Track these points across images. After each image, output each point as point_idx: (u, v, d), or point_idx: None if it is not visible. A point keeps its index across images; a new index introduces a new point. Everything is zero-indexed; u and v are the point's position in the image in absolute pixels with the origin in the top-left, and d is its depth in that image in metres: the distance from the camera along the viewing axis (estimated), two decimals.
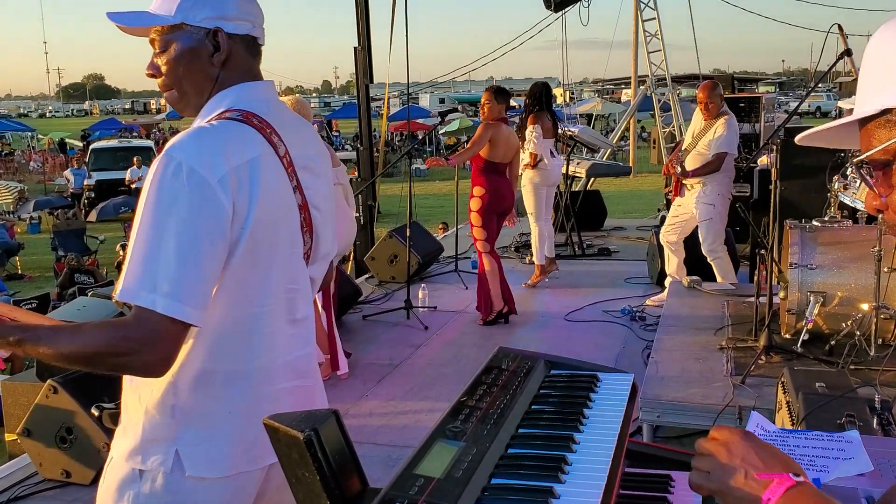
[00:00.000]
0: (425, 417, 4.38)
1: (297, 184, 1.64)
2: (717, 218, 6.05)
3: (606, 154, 16.51)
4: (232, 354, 1.57)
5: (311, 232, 1.70)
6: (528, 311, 6.62)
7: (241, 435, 1.59)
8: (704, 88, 6.10)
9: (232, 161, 1.48)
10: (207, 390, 1.56)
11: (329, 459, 1.21)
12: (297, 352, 1.70)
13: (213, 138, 1.51)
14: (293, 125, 1.69)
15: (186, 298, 1.42)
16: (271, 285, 1.60)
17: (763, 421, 1.83)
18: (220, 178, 1.46)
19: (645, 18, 22.10)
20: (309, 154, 1.71)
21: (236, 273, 1.52)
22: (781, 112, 13.62)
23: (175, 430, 1.56)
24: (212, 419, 1.57)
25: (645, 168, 25.24)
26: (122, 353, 1.43)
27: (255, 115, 1.59)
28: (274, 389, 1.63)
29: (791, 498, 0.98)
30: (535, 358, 1.67)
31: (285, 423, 1.24)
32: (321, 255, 1.76)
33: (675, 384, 3.98)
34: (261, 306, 1.59)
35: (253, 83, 1.65)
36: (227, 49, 1.60)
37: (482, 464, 1.21)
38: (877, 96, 0.91)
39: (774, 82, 55.03)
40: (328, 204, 1.77)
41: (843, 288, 4.46)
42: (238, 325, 1.57)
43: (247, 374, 1.60)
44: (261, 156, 1.54)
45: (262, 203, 1.52)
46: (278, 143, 1.60)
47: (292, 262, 1.66)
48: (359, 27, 8.21)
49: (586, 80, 70.11)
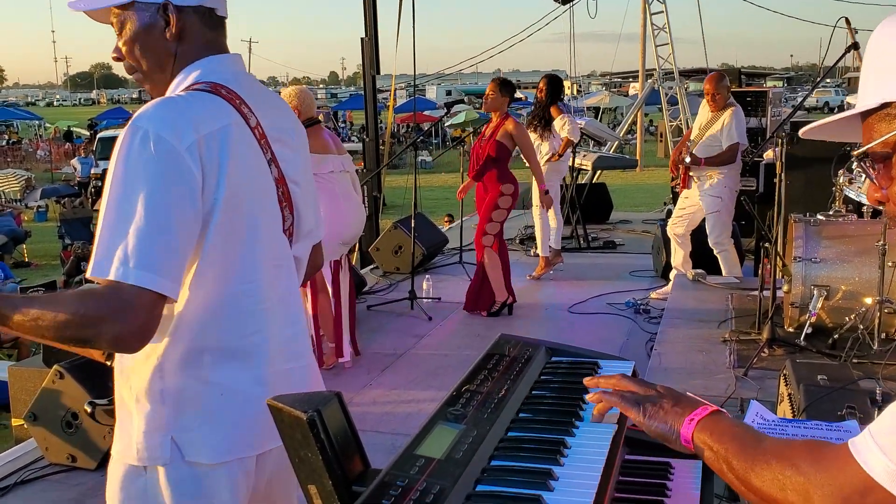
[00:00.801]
0: (428, 406, 4.37)
1: (271, 156, 1.61)
2: (724, 210, 6.05)
3: (613, 147, 16.48)
4: (219, 333, 1.54)
5: (290, 207, 1.66)
6: (533, 302, 6.63)
7: (236, 418, 1.55)
8: (711, 80, 6.10)
9: (201, 129, 1.44)
10: (196, 372, 1.53)
11: (332, 440, 1.23)
12: (287, 330, 1.66)
13: (181, 107, 1.48)
14: (264, 98, 1.66)
15: (158, 268, 1.37)
16: (256, 260, 1.56)
17: (763, 410, 1.85)
18: (189, 146, 1.42)
19: (653, 12, 22.01)
20: (283, 126, 1.68)
21: (217, 247, 1.49)
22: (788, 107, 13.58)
23: (167, 417, 1.52)
24: (204, 403, 1.53)
25: (652, 161, 25.18)
26: (92, 322, 1.38)
27: (224, 87, 1.55)
28: (267, 372, 1.59)
29: (714, 420, 1.16)
30: (536, 345, 1.68)
31: (289, 403, 1.25)
32: (304, 233, 1.72)
33: (677, 376, 4.00)
34: (247, 282, 1.55)
35: (219, 56, 1.61)
36: (179, 22, 1.56)
37: (482, 446, 1.23)
38: (877, 90, 0.93)
39: (782, 77, 54.83)
40: (307, 179, 1.73)
41: (846, 282, 4.47)
42: (225, 302, 1.53)
43: (237, 355, 1.56)
44: (231, 124, 1.50)
45: (234, 172, 1.48)
46: (249, 113, 1.56)
47: (275, 237, 1.62)
48: (366, 18, 8.22)
49: (594, 73, 69.93)
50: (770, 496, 1.02)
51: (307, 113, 4.71)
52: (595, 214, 9.79)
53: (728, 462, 1.10)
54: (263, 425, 1.54)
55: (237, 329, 1.55)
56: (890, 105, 0.92)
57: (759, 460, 1.04)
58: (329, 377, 4.94)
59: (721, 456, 1.11)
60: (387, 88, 13.86)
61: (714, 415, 1.18)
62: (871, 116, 0.95)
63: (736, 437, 1.11)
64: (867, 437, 0.93)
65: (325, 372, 4.99)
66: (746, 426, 1.18)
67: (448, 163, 25.13)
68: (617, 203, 11.02)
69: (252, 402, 1.55)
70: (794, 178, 5.90)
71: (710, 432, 1.15)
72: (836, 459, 0.96)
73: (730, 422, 1.17)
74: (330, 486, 1.20)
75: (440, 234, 8.36)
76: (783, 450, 1.03)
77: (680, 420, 1.19)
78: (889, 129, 0.92)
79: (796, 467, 0.99)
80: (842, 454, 0.96)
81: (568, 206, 8.85)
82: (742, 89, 9.70)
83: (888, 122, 0.93)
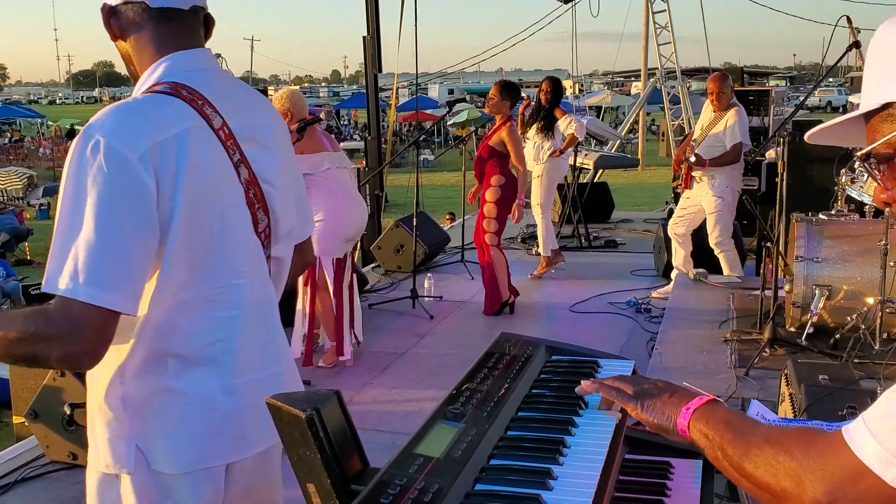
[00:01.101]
0: (429, 406, 4.36)
1: (240, 158, 1.55)
2: (725, 210, 6.05)
3: (615, 146, 16.48)
4: (184, 340, 1.49)
5: (265, 209, 1.60)
6: (534, 302, 6.63)
7: (202, 427, 1.51)
8: (715, 79, 6.09)
9: (155, 136, 1.40)
10: (159, 378, 1.49)
11: (330, 439, 1.23)
12: (260, 336, 1.61)
13: (134, 113, 1.43)
14: (234, 95, 1.60)
15: (109, 285, 1.33)
16: (222, 266, 1.52)
17: (763, 409, 1.84)
18: (141, 155, 1.37)
19: (656, 10, 22.03)
20: (255, 125, 1.61)
21: (179, 254, 1.44)
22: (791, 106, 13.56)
23: (130, 425, 1.49)
24: (167, 410, 1.50)
25: (653, 161, 25.17)
26: (41, 341, 1.34)
27: (186, 87, 1.50)
28: (236, 381, 1.55)
29: (710, 408, 1.17)
30: (536, 344, 1.68)
31: (287, 402, 1.25)
32: (283, 234, 1.68)
33: (678, 375, 3.99)
34: (213, 288, 1.51)
35: (182, 53, 1.55)
36: (126, 21, 1.53)
37: (481, 445, 1.23)
38: (879, 90, 0.93)
39: (785, 76, 54.77)
40: (285, 179, 1.67)
41: (848, 281, 4.46)
42: (188, 308, 1.49)
43: (203, 362, 1.51)
44: (190, 129, 1.45)
45: (193, 179, 1.43)
46: (213, 114, 1.50)
47: (243, 241, 1.57)
48: (368, 16, 8.22)
49: (596, 73, 69.89)
50: (763, 482, 1.02)
51: (299, 115, 4.72)
52: (596, 213, 9.79)
53: (723, 449, 1.10)
54: (232, 435, 1.54)
55: (203, 337, 1.51)
56: (892, 105, 0.92)
57: (753, 446, 1.05)
58: (329, 375, 4.94)
59: (716, 443, 1.12)
60: (389, 87, 13.85)
61: (710, 404, 1.18)
62: (874, 117, 0.95)
63: (731, 425, 1.12)
64: (860, 423, 0.94)
65: (325, 370, 5.00)
66: (743, 415, 1.18)
67: (450, 161, 25.13)
68: (618, 202, 11.01)
69: (219, 412, 1.52)
70: (796, 177, 5.88)
71: (706, 420, 1.15)
72: (829, 445, 0.97)
73: (725, 410, 1.17)
74: (328, 484, 1.20)
75: (442, 232, 8.36)
76: (777, 436, 1.04)
77: (676, 410, 1.20)
78: (891, 130, 0.92)
79: (789, 453, 0.99)
80: (835, 440, 0.96)
81: (569, 204, 8.86)
82: (744, 88, 9.69)
83: (890, 122, 0.92)
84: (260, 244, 1.61)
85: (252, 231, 1.59)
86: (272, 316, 1.66)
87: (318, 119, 4.90)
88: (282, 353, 1.69)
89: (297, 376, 1.75)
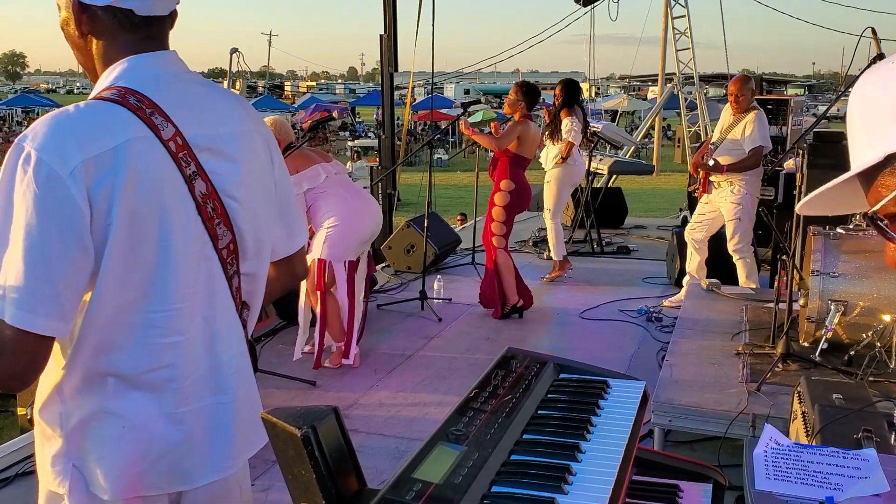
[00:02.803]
0: (434, 410, 4.35)
1: (196, 170, 1.44)
2: (745, 217, 5.96)
3: (630, 151, 16.38)
4: (123, 361, 1.41)
5: (227, 224, 1.49)
6: (544, 307, 6.57)
7: (140, 454, 1.44)
8: (736, 82, 6.02)
9: (89, 149, 1.31)
10: (98, 398, 1.42)
11: (326, 458, 1.18)
12: (210, 361, 1.51)
13: (68, 124, 1.34)
14: (196, 102, 1.50)
15: (36, 307, 1.27)
16: (166, 288, 1.41)
17: (777, 434, 1.79)
18: (73, 170, 1.29)
19: (675, 16, 21.87)
20: (217, 134, 1.49)
21: (115, 274, 1.36)
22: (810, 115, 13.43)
23: (67, 443, 1.43)
24: (104, 433, 1.43)
25: (669, 167, 25.05)
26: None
27: (136, 94, 1.40)
28: (180, 409, 1.47)
29: None
30: (544, 360, 1.63)
31: (283, 418, 1.21)
32: (254, 249, 1.57)
33: (688, 388, 3.93)
34: (154, 312, 1.41)
35: (142, 56, 1.46)
36: (87, 21, 1.45)
37: (483, 470, 1.18)
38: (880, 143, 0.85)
39: (804, 85, 54.41)
40: (253, 191, 1.55)
41: (864, 297, 4.38)
42: (128, 333, 1.41)
43: (143, 386, 1.43)
44: (131, 141, 1.35)
45: (131, 194, 1.34)
46: (163, 123, 1.40)
47: (194, 260, 1.46)
48: (385, 14, 8.18)
49: (613, 76, 69.70)
50: None
51: (286, 141, 4.73)
52: (610, 219, 9.72)
53: None
54: (173, 465, 1.48)
55: (145, 361, 1.43)
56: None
57: None
58: (336, 376, 4.90)
59: None
60: (405, 86, 13.82)
61: None
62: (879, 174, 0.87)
63: None
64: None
65: (331, 371, 4.96)
66: None
67: (464, 162, 25.11)
68: (632, 208, 10.93)
69: (159, 441, 1.46)
70: (814, 189, 5.78)
71: None
72: None
73: None
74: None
75: (453, 233, 8.31)
76: None
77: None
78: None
79: None
80: None
81: (582, 209, 8.79)
82: (763, 97, 9.59)
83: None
84: (219, 262, 1.50)
85: (208, 249, 1.48)
86: (227, 339, 1.55)
87: (330, 118, 4.88)
88: (237, 379, 1.58)
89: (256, 404, 1.64)
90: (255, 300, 1.65)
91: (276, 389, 4.63)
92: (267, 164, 1.62)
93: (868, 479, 1.64)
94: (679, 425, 3.78)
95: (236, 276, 1.55)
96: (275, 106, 46.10)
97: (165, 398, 1.45)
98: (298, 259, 1.79)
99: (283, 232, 1.69)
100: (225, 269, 1.52)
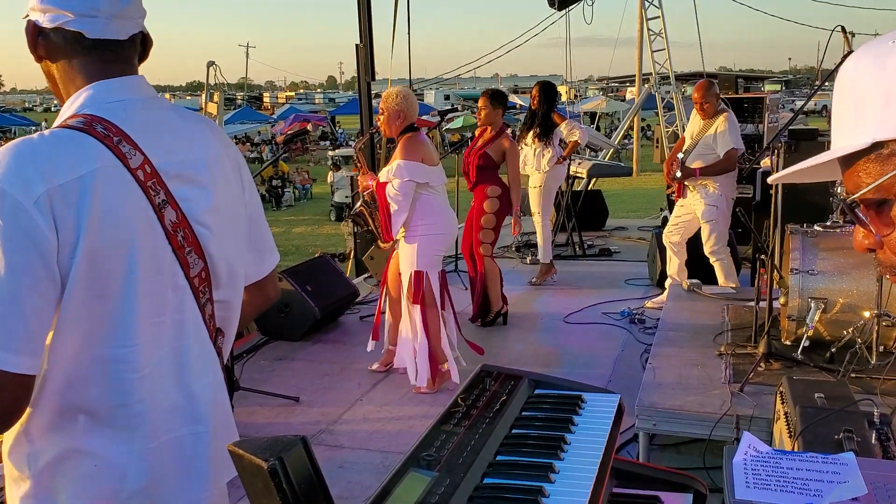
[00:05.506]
0: (419, 423, 4.32)
1: (165, 198, 1.41)
2: (720, 219, 5.99)
3: (609, 154, 16.43)
4: (90, 400, 1.37)
5: (199, 252, 1.46)
6: (527, 312, 6.56)
7: (111, 493, 1.41)
8: (699, 88, 6.03)
9: (54, 179, 1.27)
10: (68, 437, 1.38)
11: (295, 489, 1.16)
12: (180, 392, 1.47)
13: (31, 154, 1.30)
14: (165, 128, 1.47)
15: (5, 343, 1.23)
16: (132, 320, 1.37)
17: (756, 442, 1.78)
18: (37, 200, 1.26)
19: (649, 17, 21.97)
20: (186, 161, 1.46)
21: (78, 307, 1.32)
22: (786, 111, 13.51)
23: (35, 485, 1.39)
24: (76, 472, 1.39)
25: (648, 167, 25.14)
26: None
27: (102, 121, 1.37)
28: (149, 445, 1.43)
29: None
30: (519, 376, 1.61)
31: (249, 450, 1.18)
32: (227, 277, 1.54)
33: (672, 392, 3.92)
34: (120, 347, 1.37)
35: (108, 81, 1.43)
36: (56, 46, 1.43)
37: (455, 496, 1.16)
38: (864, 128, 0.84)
39: (780, 80, 54.82)
40: (224, 217, 1.52)
41: (844, 294, 4.40)
42: (93, 367, 1.36)
43: (113, 424, 1.39)
44: (98, 170, 1.32)
45: (97, 225, 1.30)
46: (130, 151, 1.37)
47: (162, 291, 1.42)
48: (360, 24, 8.16)
49: (591, 78, 69.98)
50: None
51: (410, 118, 4.76)
52: (591, 222, 9.75)
53: None
54: (147, 500, 1.44)
55: (111, 398, 1.38)
56: (883, 145, 0.83)
57: None
58: (319, 392, 4.87)
59: None
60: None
61: None
62: (859, 160, 0.85)
63: None
64: None
65: (315, 387, 4.92)
66: None
67: (446, 167, 25.07)
68: (613, 209, 10.96)
69: (130, 479, 1.42)
70: (792, 187, 5.82)
71: None
72: None
73: None
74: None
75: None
76: None
77: None
78: (883, 172, 0.83)
79: None
80: None
81: (563, 213, 8.80)
82: (739, 95, 9.65)
83: (879, 163, 0.83)
84: (191, 291, 1.47)
85: (179, 278, 1.45)
86: (199, 369, 1.51)
87: (305, 132, 4.85)
88: (212, 410, 1.53)
89: (232, 433, 1.59)
90: (229, 326, 1.62)
91: (258, 407, 4.59)
92: (238, 187, 1.59)
93: (847, 484, 1.63)
94: (663, 429, 3.77)
95: (209, 303, 1.52)
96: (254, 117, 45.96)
97: (138, 434, 1.41)
98: (270, 281, 1.75)
99: (254, 256, 1.66)
100: (197, 297, 1.48)
